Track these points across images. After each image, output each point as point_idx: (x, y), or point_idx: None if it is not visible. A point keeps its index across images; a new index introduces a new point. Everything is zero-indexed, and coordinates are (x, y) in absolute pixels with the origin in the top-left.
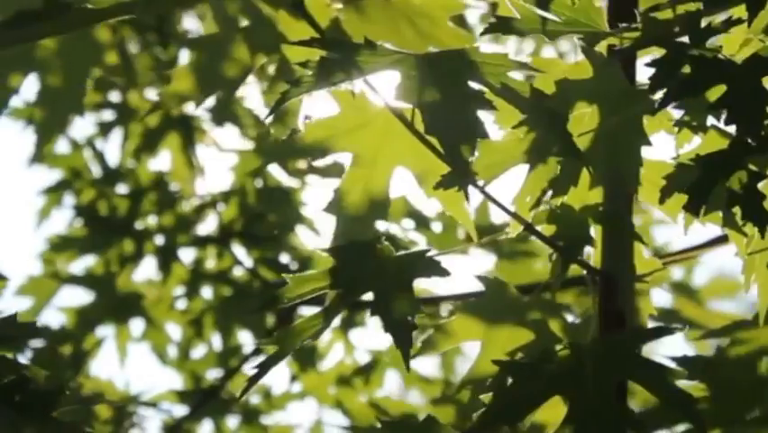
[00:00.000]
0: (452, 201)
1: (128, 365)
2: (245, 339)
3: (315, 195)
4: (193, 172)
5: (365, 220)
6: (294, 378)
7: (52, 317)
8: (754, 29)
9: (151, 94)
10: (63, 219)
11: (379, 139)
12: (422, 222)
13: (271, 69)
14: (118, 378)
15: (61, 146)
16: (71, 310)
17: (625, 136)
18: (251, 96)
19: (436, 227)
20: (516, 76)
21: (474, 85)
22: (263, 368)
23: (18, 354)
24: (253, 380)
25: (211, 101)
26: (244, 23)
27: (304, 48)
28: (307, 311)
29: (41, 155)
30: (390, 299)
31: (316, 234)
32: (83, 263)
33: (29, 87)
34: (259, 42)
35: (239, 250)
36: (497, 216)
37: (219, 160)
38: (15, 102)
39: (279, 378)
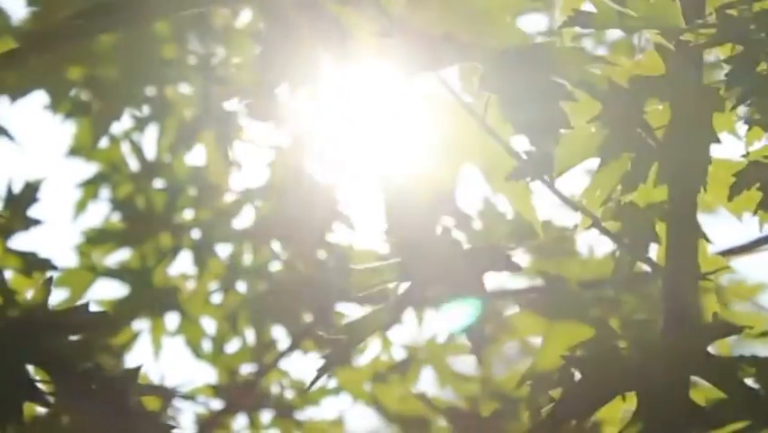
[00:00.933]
0: (520, 196)
1: (163, 359)
2: (279, 335)
3: (352, 190)
4: (229, 167)
5: (432, 215)
6: (329, 373)
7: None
8: None
9: (185, 89)
10: (99, 212)
11: (446, 135)
12: (462, 220)
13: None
14: (153, 371)
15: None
16: (107, 303)
17: (694, 133)
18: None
19: (476, 225)
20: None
21: (555, 78)
22: (330, 359)
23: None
24: (321, 371)
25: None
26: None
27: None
28: (343, 308)
29: (93, 147)
30: (461, 294)
31: (352, 229)
32: (119, 257)
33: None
34: (323, 37)
35: (275, 245)
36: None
37: (256, 155)
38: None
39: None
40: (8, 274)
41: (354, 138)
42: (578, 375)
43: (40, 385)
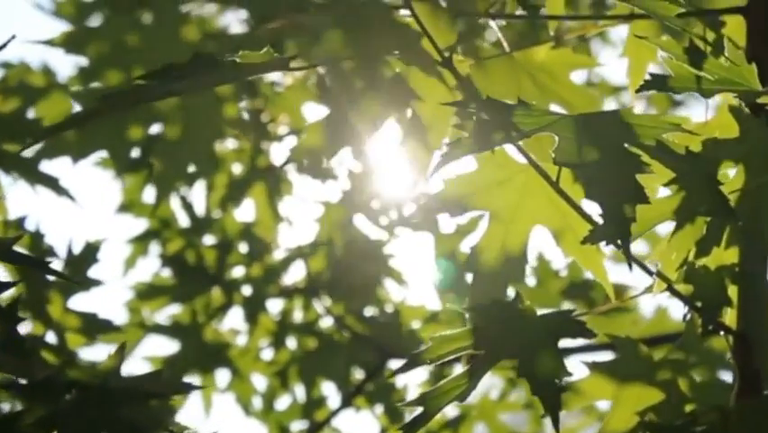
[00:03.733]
0: (592, 260)
1: (213, 416)
2: (330, 391)
3: (403, 247)
4: (278, 223)
5: (502, 278)
6: (383, 431)
7: (137, 367)
8: None
9: (232, 144)
10: (149, 268)
11: (517, 197)
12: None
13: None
14: (203, 429)
15: (148, 195)
16: (157, 360)
17: (767, 196)
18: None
19: (530, 282)
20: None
21: (630, 147)
22: (410, 428)
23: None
24: None
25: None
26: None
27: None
28: (395, 365)
29: (158, 206)
30: (536, 361)
31: (404, 285)
32: (168, 313)
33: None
34: (390, 98)
35: (325, 301)
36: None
37: (305, 211)
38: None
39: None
40: (68, 335)
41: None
42: None
43: None
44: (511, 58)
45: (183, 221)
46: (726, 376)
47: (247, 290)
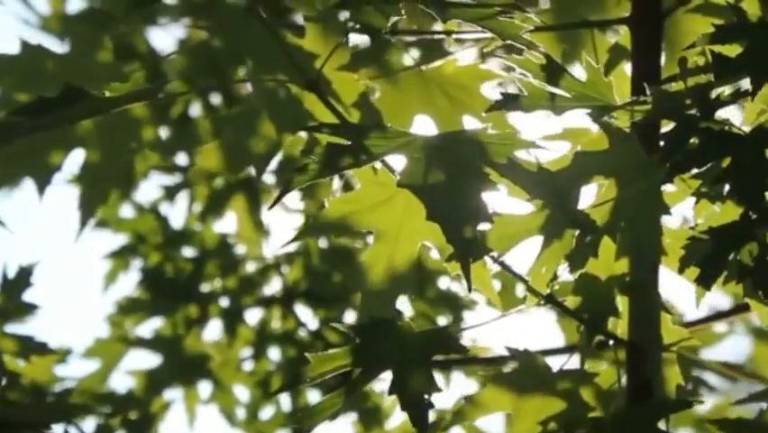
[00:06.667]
0: (476, 275)
1: (197, 428)
2: (315, 399)
3: None
4: (259, 234)
5: (389, 296)
6: None
7: (120, 381)
8: (763, 100)
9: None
10: (130, 282)
11: (401, 215)
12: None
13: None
14: None
15: (126, 211)
16: (139, 373)
17: (644, 207)
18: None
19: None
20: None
21: (480, 166)
22: None
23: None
24: None
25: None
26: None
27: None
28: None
29: (82, 230)
30: (408, 378)
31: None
32: (150, 326)
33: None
34: (284, 121)
35: (304, 311)
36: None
37: (285, 221)
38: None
39: None
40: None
41: None
42: None
43: None
44: (421, 73)
45: (161, 235)
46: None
47: (225, 302)
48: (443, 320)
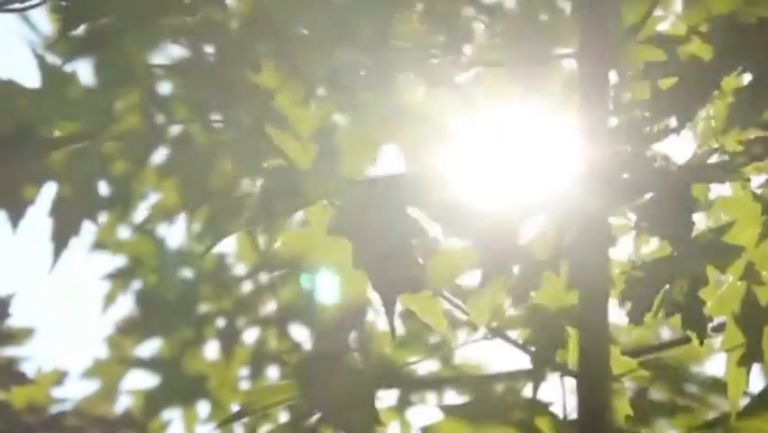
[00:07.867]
0: (428, 309)
1: None
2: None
3: None
4: (257, 253)
5: (341, 330)
6: None
7: (119, 401)
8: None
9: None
10: (128, 303)
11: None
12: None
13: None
14: None
15: (123, 232)
16: (139, 393)
17: (589, 238)
18: None
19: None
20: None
21: (410, 210)
22: None
23: None
24: None
25: None
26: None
27: None
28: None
29: (54, 265)
30: (351, 414)
31: (373, 311)
32: (149, 347)
33: None
34: (240, 158)
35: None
36: None
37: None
38: None
39: None
40: None
41: None
42: None
43: None
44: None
45: (160, 256)
46: None
47: (221, 322)
48: (435, 338)
